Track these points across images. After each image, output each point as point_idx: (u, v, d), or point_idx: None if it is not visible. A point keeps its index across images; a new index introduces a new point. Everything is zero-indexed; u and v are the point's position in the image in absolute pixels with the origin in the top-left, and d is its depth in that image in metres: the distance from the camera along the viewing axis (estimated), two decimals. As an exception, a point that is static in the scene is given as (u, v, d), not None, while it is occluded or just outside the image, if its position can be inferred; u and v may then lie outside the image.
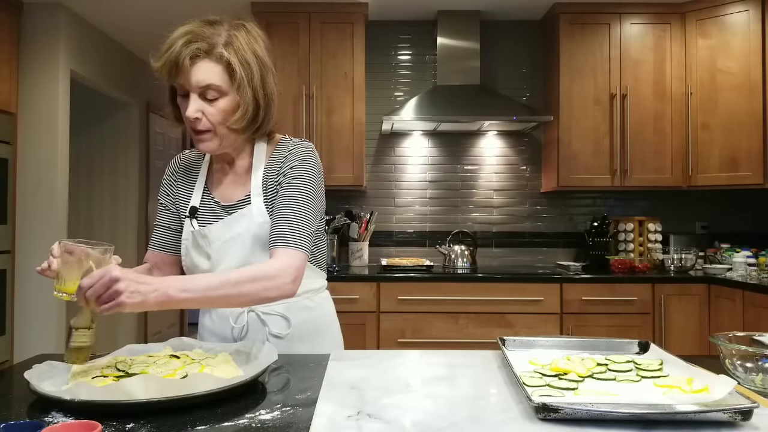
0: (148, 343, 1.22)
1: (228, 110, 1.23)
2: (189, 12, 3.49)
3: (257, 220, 1.29)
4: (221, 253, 1.30)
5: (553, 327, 3.09)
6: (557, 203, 3.82)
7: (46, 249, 1.13)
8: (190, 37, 1.19)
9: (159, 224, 1.41)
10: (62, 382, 1.00)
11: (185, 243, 1.35)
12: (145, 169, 4.80)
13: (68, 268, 1.05)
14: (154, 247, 1.41)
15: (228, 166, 1.37)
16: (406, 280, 3.11)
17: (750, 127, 3.20)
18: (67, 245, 1.05)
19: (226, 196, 1.35)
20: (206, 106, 1.22)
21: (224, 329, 1.36)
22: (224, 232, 1.30)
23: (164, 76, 1.22)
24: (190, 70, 1.19)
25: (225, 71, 1.21)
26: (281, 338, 1.35)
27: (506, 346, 1.23)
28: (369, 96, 3.71)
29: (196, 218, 1.35)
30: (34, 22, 3.49)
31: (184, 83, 1.21)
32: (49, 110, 3.50)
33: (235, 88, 1.22)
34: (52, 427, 0.72)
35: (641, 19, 3.46)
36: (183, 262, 1.37)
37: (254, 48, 1.25)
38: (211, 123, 1.23)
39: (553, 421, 0.83)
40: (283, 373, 1.16)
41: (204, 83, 1.20)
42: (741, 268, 3.18)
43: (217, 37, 1.21)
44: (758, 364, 1.01)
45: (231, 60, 1.20)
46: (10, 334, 3.35)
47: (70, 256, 1.05)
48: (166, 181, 1.43)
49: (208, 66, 1.20)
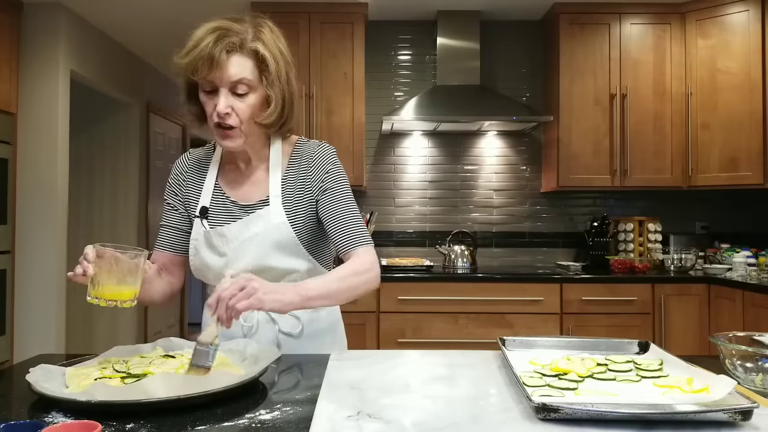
0: (136, 345, 1.22)
1: (256, 105, 1.24)
2: (188, 12, 3.52)
3: (275, 221, 1.29)
4: (238, 252, 1.29)
5: (553, 327, 3.09)
6: (557, 203, 3.82)
7: (46, 249, 1.13)
8: (220, 32, 1.19)
9: (166, 225, 1.40)
10: (60, 383, 1.00)
11: (194, 243, 1.33)
12: (145, 169, 4.80)
13: (104, 273, 1.04)
14: (161, 248, 1.39)
15: (244, 165, 1.36)
16: (406, 280, 3.11)
17: (750, 127, 3.20)
18: (101, 249, 1.05)
19: (243, 196, 1.35)
20: (236, 101, 1.22)
21: (234, 328, 1.35)
22: (242, 231, 1.29)
23: (191, 71, 1.20)
24: (224, 64, 1.19)
25: (256, 66, 1.22)
26: (292, 336, 1.35)
27: (506, 346, 1.23)
28: (369, 96, 3.71)
29: (207, 218, 1.34)
30: (34, 22, 3.49)
31: (215, 78, 1.20)
32: (49, 110, 3.50)
33: (264, 84, 1.23)
34: (52, 427, 0.72)
35: (641, 19, 3.46)
36: (192, 262, 1.35)
37: (278, 45, 1.26)
38: (240, 119, 1.23)
39: (553, 421, 0.83)
40: (284, 372, 1.16)
41: (237, 77, 1.20)
42: (741, 268, 3.18)
43: (246, 33, 1.22)
44: (758, 364, 1.01)
45: (265, 54, 1.21)
46: (10, 334, 3.35)
47: (104, 261, 1.05)
48: (173, 181, 1.41)
49: (241, 60, 1.20)
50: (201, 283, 6.02)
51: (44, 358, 1.24)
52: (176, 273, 1.41)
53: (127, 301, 1.09)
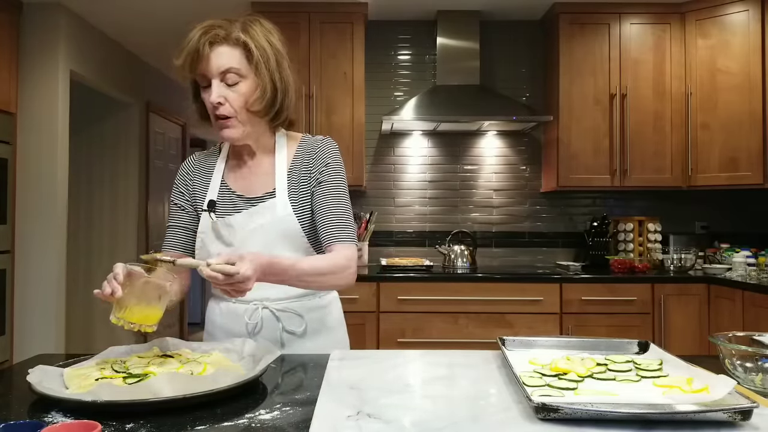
0: (130, 345, 1.22)
1: (248, 93, 1.28)
2: (188, 12, 3.52)
3: (280, 213, 1.32)
4: (245, 242, 1.32)
5: (552, 327, 3.09)
6: (557, 203, 3.82)
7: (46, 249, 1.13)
8: (207, 28, 1.25)
9: (173, 224, 1.43)
10: (60, 384, 1.00)
11: (201, 236, 1.37)
12: (145, 169, 4.80)
13: (133, 298, 1.03)
14: (169, 247, 1.41)
15: (249, 159, 1.39)
16: (405, 280, 3.11)
17: (750, 127, 3.20)
18: (134, 271, 1.03)
19: (249, 189, 1.38)
20: (227, 91, 1.26)
21: (236, 326, 1.37)
22: (248, 222, 1.33)
23: (186, 69, 1.26)
24: (210, 55, 1.24)
25: (243, 54, 1.26)
26: (295, 335, 1.37)
27: (506, 346, 1.23)
28: (369, 96, 3.71)
29: (214, 211, 1.36)
30: (34, 22, 3.49)
31: (205, 70, 1.25)
32: (48, 110, 3.50)
33: (253, 70, 1.27)
34: (52, 427, 0.72)
35: (641, 19, 3.46)
36: (198, 256, 1.37)
37: (268, 37, 1.30)
38: (234, 108, 1.27)
39: (553, 421, 0.83)
40: (283, 372, 1.16)
41: (224, 67, 1.25)
42: (741, 268, 3.18)
43: (233, 26, 1.27)
44: (758, 364, 1.01)
45: (248, 42, 1.25)
46: (9, 334, 3.35)
47: (136, 284, 1.03)
48: (180, 181, 1.45)
49: (227, 50, 1.25)
50: (200, 284, 6.03)
51: (44, 358, 1.24)
52: (184, 273, 1.43)
53: (151, 326, 1.08)
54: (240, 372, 1.06)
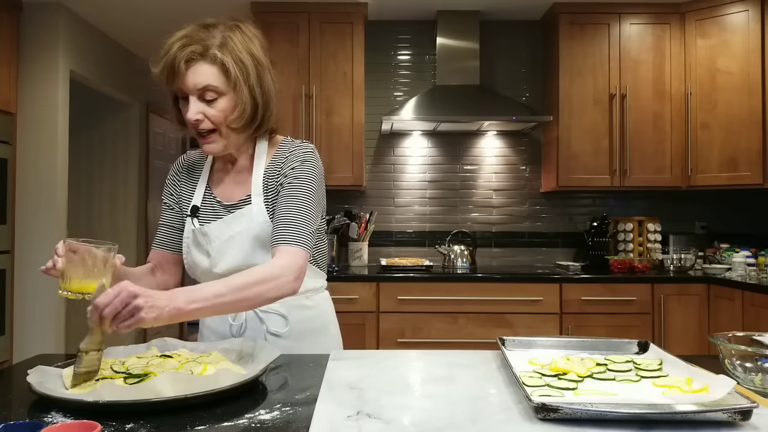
0: (129, 345, 1.22)
1: (228, 110, 1.25)
2: (188, 12, 3.52)
3: (257, 220, 1.30)
4: (221, 251, 1.31)
5: (552, 327, 3.09)
6: (557, 203, 3.82)
7: (46, 249, 1.14)
8: (185, 41, 1.21)
9: (163, 223, 1.43)
10: (59, 385, 1.00)
11: (186, 241, 1.37)
12: (145, 169, 4.80)
13: (73, 267, 1.06)
14: (157, 246, 1.42)
15: (230, 165, 1.39)
16: (405, 280, 3.11)
17: (749, 127, 3.20)
18: (71, 244, 1.06)
19: (227, 195, 1.37)
20: (206, 107, 1.24)
21: (224, 327, 1.38)
22: (224, 230, 1.31)
23: (164, 82, 1.24)
24: (186, 73, 1.21)
25: (221, 72, 1.22)
26: (279, 336, 1.36)
27: (506, 346, 1.23)
28: (368, 96, 3.71)
29: (197, 217, 1.36)
30: (34, 22, 3.49)
31: (182, 87, 1.23)
32: (48, 110, 3.50)
33: (232, 87, 1.23)
34: (52, 427, 0.72)
35: (641, 19, 3.46)
36: (185, 260, 1.38)
37: (249, 47, 1.26)
38: (213, 123, 1.25)
39: (553, 421, 0.83)
40: (283, 372, 1.16)
41: (201, 85, 1.22)
42: (740, 268, 3.18)
43: (211, 39, 1.22)
44: (758, 364, 1.01)
45: (225, 60, 1.22)
46: (9, 334, 3.35)
47: (75, 255, 1.06)
48: (169, 181, 1.46)
49: (204, 68, 1.22)
50: (200, 283, 6.03)
51: (44, 358, 1.24)
52: (172, 271, 1.43)
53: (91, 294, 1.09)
54: (240, 372, 1.07)
